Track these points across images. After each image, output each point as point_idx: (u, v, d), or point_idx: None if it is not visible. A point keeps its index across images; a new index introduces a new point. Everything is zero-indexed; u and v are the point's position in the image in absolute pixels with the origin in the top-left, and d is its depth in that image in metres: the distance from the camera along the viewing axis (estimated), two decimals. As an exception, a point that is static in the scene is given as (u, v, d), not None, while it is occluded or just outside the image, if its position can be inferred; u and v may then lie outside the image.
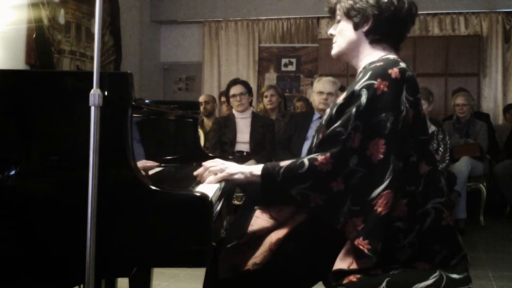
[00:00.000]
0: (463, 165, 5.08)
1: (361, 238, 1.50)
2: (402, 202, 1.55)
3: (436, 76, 6.87)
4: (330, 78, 4.32)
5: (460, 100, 5.47)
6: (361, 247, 1.50)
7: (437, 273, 1.54)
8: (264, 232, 1.63)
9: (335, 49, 1.76)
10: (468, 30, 7.02)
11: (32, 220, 1.47)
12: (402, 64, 1.59)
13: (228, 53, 7.68)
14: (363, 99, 1.54)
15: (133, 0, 7.14)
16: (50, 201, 1.47)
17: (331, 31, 1.78)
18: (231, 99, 4.70)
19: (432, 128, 4.64)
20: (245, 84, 4.78)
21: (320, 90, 4.22)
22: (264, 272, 1.61)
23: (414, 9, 1.69)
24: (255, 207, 1.67)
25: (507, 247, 4.54)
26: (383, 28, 1.67)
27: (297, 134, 4.33)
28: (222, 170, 1.71)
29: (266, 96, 5.40)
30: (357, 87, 1.57)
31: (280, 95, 5.54)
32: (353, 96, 1.57)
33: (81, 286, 1.48)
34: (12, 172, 1.47)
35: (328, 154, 1.54)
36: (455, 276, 1.56)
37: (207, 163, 1.77)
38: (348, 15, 1.70)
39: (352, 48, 1.72)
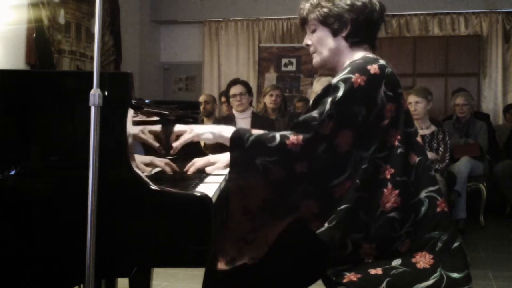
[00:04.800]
0: (463, 165, 5.08)
1: (319, 221, 1.56)
2: (395, 193, 1.57)
3: (436, 76, 6.87)
4: (329, 78, 4.28)
5: (460, 100, 5.47)
6: (315, 228, 1.56)
7: (437, 273, 1.55)
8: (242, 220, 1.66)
9: (316, 59, 1.79)
10: (468, 30, 7.02)
11: (32, 220, 1.47)
12: (382, 61, 1.63)
13: (228, 53, 7.67)
14: (340, 91, 1.57)
15: (133, 0, 7.14)
16: (50, 201, 1.47)
17: (306, 41, 1.79)
18: (231, 99, 4.70)
19: (432, 128, 4.64)
20: (245, 84, 4.77)
21: (319, 91, 4.21)
22: (262, 267, 1.62)
23: (383, 9, 1.74)
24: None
25: (507, 247, 4.54)
26: (361, 30, 1.71)
27: (297, 134, 4.32)
28: (207, 163, 1.73)
29: (272, 95, 5.31)
30: (334, 80, 1.61)
31: (283, 96, 5.53)
32: (330, 88, 1.61)
33: (81, 286, 1.48)
34: (12, 172, 1.47)
35: (300, 137, 1.56)
36: (455, 275, 1.56)
37: (176, 128, 1.79)
38: (325, 23, 1.72)
39: (334, 54, 1.74)
